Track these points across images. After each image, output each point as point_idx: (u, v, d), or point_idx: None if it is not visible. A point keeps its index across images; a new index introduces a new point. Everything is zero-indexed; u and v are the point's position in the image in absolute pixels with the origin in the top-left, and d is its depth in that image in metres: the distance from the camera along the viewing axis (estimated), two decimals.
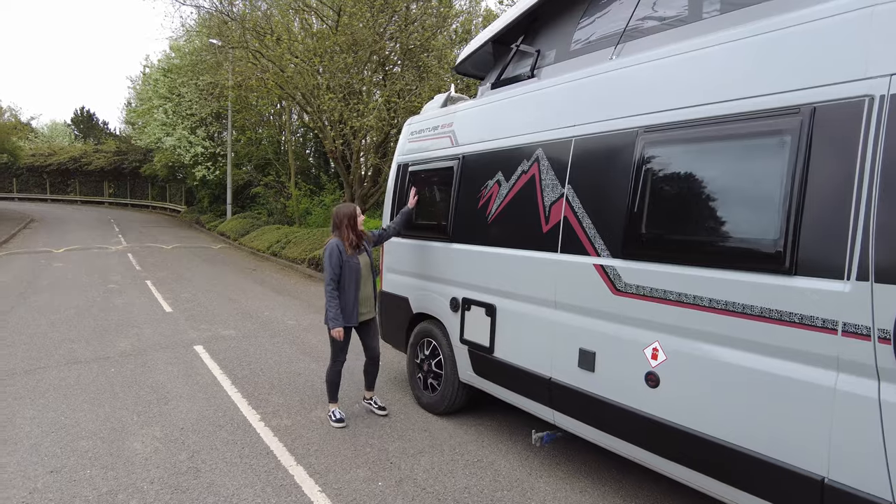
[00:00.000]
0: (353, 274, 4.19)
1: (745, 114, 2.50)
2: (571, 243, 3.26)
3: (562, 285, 3.31)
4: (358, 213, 4.30)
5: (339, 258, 4.13)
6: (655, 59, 2.97)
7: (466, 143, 4.26)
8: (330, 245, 4.18)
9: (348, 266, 4.15)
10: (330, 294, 4.12)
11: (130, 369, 5.58)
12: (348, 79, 14.58)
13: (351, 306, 4.20)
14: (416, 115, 5.26)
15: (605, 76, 3.25)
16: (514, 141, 3.79)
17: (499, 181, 3.86)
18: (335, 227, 4.25)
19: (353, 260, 4.18)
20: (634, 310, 2.91)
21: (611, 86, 3.19)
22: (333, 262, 4.11)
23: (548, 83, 3.66)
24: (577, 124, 3.33)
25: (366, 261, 4.34)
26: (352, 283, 4.18)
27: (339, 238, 4.22)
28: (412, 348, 4.83)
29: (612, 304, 3.02)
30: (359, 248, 4.28)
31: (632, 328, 2.94)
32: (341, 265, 4.13)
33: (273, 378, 5.41)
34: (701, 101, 2.71)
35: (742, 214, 2.49)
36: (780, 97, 2.40)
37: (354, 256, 4.21)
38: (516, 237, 3.67)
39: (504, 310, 3.76)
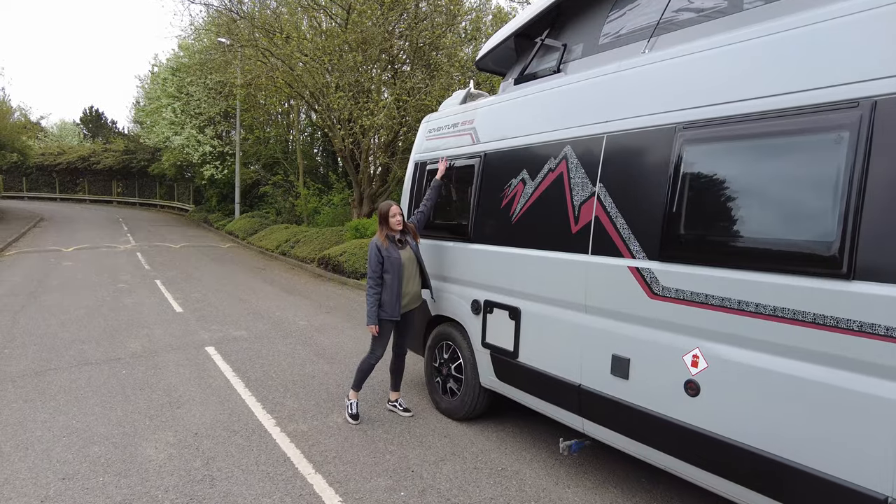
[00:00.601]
0: (394, 268, 4.16)
1: (796, 108, 2.36)
2: (603, 244, 3.12)
3: (593, 288, 3.17)
4: (392, 212, 4.25)
5: (377, 255, 4.17)
6: (694, 52, 2.82)
7: (488, 141, 4.12)
8: (370, 243, 4.25)
9: (389, 261, 4.16)
10: (368, 291, 4.19)
11: (142, 371, 5.49)
12: (357, 77, 14.47)
13: (393, 300, 4.17)
14: (432, 112, 5.13)
15: (639, 70, 3.10)
16: (540, 138, 3.65)
17: (523, 180, 3.72)
18: (379, 222, 4.30)
19: (393, 254, 4.17)
20: (673, 315, 2.77)
21: (646, 80, 3.05)
22: (372, 260, 4.18)
23: (576, 78, 3.52)
24: (610, 120, 3.19)
25: (409, 255, 4.27)
26: (394, 277, 4.16)
27: (379, 235, 4.24)
28: (430, 351, 4.70)
29: (649, 308, 2.88)
30: (400, 243, 4.25)
31: (670, 334, 2.80)
32: (381, 261, 4.16)
33: (287, 381, 5.30)
34: (745, 97, 2.56)
35: (794, 215, 2.35)
36: (835, 90, 2.25)
37: (395, 251, 4.18)
38: (543, 238, 3.53)
39: (529, 313, 3.63)
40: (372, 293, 4.17)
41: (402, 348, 4.53)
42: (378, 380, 5.25)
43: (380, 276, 4.18)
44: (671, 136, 2.84)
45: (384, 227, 4.26)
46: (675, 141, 2.82)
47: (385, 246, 4.20)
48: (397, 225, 4.26)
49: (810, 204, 2.30)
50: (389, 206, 4.27)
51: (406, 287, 4.26)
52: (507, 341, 3.78)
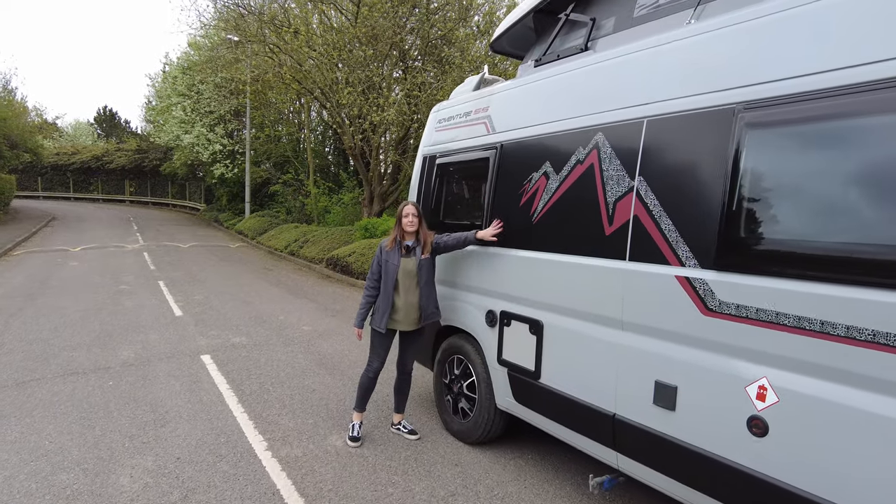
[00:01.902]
0: (388, 276, 3.80)
1: None
2: (645, 249, 2.63)
3: (632, 301, 2.68)
4: (405, 212, 3.83)
5: (378, 255, 3.88)
6: (760, 17, 2.32)
7: (505, 130, 3.64)
8: (381, 242, 3.94)
9: (386, 266, 3.82)
10: (364, 290, 3.92)
11: (130, 383, 5.09)
12: (368, 73, 14.05)
13: (382, 309, 3.80)
14: (444, 101, 4.66)
15: (686, 43, 2.61)
16: (565, 125, 3.16)
17: (546, 173, 3.24)
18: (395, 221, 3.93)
19: (393, 260, 3.81)
20: (733, 335, 2.27)
21: (695, 55, 2.55)
22: (374, 260, 3.91)
23: (609, 55, 3.03)
24: (651, 102, 2.69)
25: (409, 266, 3.81)
26: (387, 284, 3.80)
27: (390, 234, 3.91)
28: (439, 365, 4.23)
29: (702, 326, 2.38)
30: (406, 251, 3.82)
31: (729, 359, 2.30)
32: (380, 263, 3.86)
33: (284, 395, 4.87)
34: (825, 67, 2.06)
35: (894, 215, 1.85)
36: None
37: (396, 257, 3.80)
38: (570, 241, 3.05)
39: (553, 327, 3.15)
40: (365, 294, 3.91)
41: (404, 366, 4.06)
42: (383, 394, 4.80)
43: (377, 278, 3.86)
44: (729, 118, 2.34)
45: (396, 228, 3.86)
46: (734, 124, 2.32)
47: (389, 248, 3.80)
48: (409, 226, 3.80)
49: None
50: (404, 206, 3.85)
51: (399, 301, 3.80)
52: (528, 359, 3.30)
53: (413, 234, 3.84)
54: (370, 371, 3.95)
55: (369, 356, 3.96)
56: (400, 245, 3.82)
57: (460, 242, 3.77)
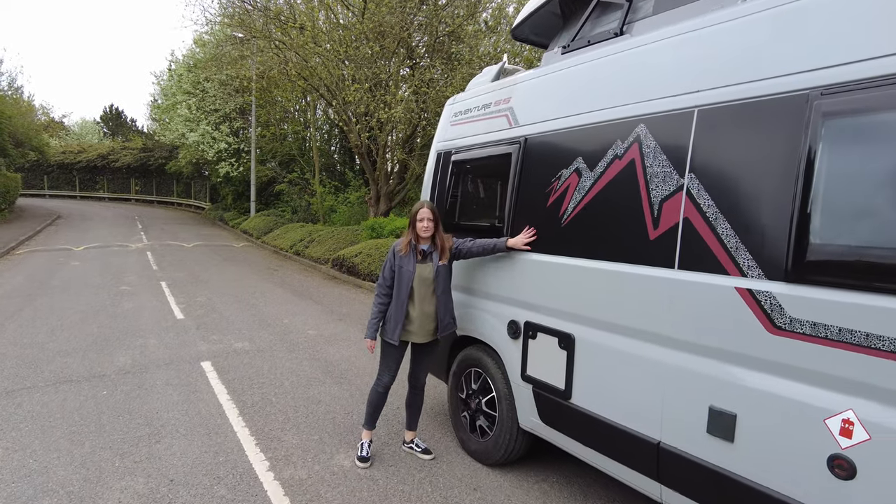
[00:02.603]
0: (402, 283, 3.47)
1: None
2: (697, 256, 2.30)
3: (681, 315, 2.36)
4: (420, 215, 3.46)
5: (390, 259, 3.55)
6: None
7: (530, 123, 3.32)
8: (393, 244, 3.62)
9: (400, 272, 3.49)
10: (375, 298, 3.58)
11: (125, 392, 4.80)
12: (375, 70, 13.75)
13: (395, 319, 3.48)
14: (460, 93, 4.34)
15: (745, 22, 2.28)
16: (600, 116, 2.84)
17: (578, 170, 2.92)
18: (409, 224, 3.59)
19: (407, 266, 3.47)
20: (807, 358, 1.95)
21: (756, 34, 2.22)
22: (385, 263, 3.57)
23: (650, 39, 2.70)
24: (704, 90, 2.37)
25: (425, 273, 3.48)
26: (401, 291, 3.47)
27: (404, 238, 3.57)
28: (455, 378, 3.92)
29: (769, 346, 2.06)
30: (422, 256, 3.50)
31: (802, 385, 1.97)
32: (392, 268, 3.53)
33: (288, 407, 4.57)
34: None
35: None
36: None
37: (411, 262, 3.47)
38: (606, 245, 2.72)
39: (587, 342, 2.82)
40: (377, 302, 3.56)
41: (417, 380, 3.74)
42: (394, 407, 4.49)
43: (390, 284, 3.53)
44: (802, 106, 2.01)
45: (410, 231, 3.53)
46: (808, 113, 1.99)
47: (404, 253, 3.47)
48: (424, 231, 3.45)
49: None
50: (420, 208, 3.49)
51: (414, 311, 3.49)
52: (557, 376, 2.98)
53: (429, 239, 3.51)
54: (380, 386, 3.64)
55: (379, 369, 3.65)
56: (415, 250, 3.49)
57: (487, 249, 3.42)
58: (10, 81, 27.56)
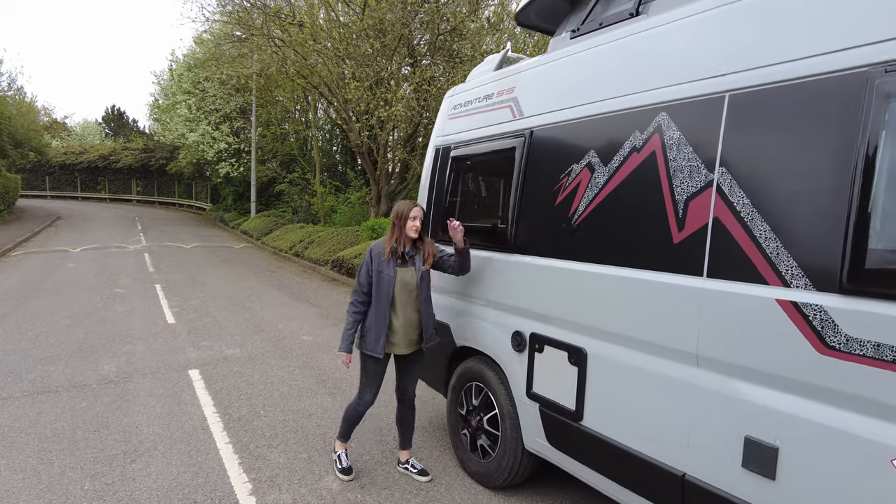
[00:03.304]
0: (382, 290, 3.17)
1: None
2: (730, 263, 2.00)
3: (712, 330, 2.05)
4: (413, 213, 3.22)
5: (367, 263, 3.22)
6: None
7: (536, 114, 3.02)
8: (371, 246, 3.29)
9: (379, 277, 3.18)
10: (349, 306, 3.25)
11: (105, 404, 4.52)
12: (376, 67, 13.47)
13: (376, 330, 3.18)
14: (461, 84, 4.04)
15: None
16: (614, 105, 2.54)
17: (590, 164, 2.62)
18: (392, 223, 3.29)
19: (388, 271, 3.18)
20: (871, 386, 1.64)
21: (802, 4, 1.92)
22: (362, 267, 3.24)
23: (672, 17, 2.40)
24: (735, 72, 2.06)
25: (407, 278, 3.22)
26: (381, 299, 3.17)
27: (387, 239, 3.27)
28: (454, 393, 3.62)
29: (819, 369, 1.75)
30: (403, 259, 3.23)
31: (864, 418, 1.67)
32: (370, 273, 3.20)
33: (277, 421, 4.28)
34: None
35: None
36: None
37: (392, 267, 3.19)
38: (623, 249, 2.42)
39: (600, 358, 2.52)
40: (352, 311, 3.23)
41: (406, 393, 3.45)
42: (388, 421, 4.20)
43: (367, 291, 3.22)
44: (859, 85, 1.71)
45: (396, 232, 3.23)
46: (866, 94, 1.69)
47: (385, 257, 3.19)
48: (415, 232, 3.22)
49: None
50: (411, 207, 3.24)
51: (397, 320, 3.22)
52: (566, 395, 2.68)
53: (412, 242, 3.27)
54: (361, 405, 3.35)
55: (360, 386, 3.34)
56: (395, 253, 3.21)
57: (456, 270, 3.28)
58: (10, 82, 27.36)
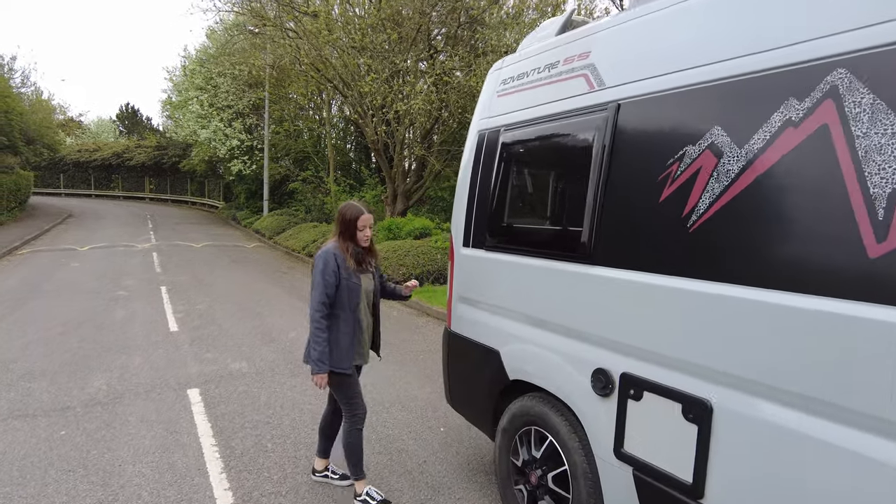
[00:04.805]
0: (353, 296, 2.95)
1: None
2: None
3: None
4: (362, 221, 2.99)
5: (335, 269, 2.90)
6: None
7: (626, 82, 2.30)
8: (325, 251, 2.94)
9: (347, 286, 2.93)
10: (318, 323, 2.85)
11: (87, 434, 3.89)
12: (392, 57, 12.80)
13: (347, 343, 2.93)
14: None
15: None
16: (757, 62, 1.81)
17: (715, 146, 1.89)
18: (336, 231, 3.02)
19: (354, 279, 2.96)
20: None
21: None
22: (328, 275, 2.88)
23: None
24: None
25: (368, 286, 3.09)
26: (350, 308, 2.95)
27: (339, 248, 2.97)
28: (506, 436, 2.90)
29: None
30: (362, 266, 3.04)
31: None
32: (338, 280, 2.91)
33: (286, 459, 3.61)
34: None
35: None
36: None
37: (355, 274, 2.97)
38: (778, 266, 1.70)
39: (735, 416, 1.80)
40: (322, 326, 2.86)
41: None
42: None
43: (332, 303, 2.90)
44: None
45: (346, 240, 2.98)
46: None
47: (350, 264, 2.93)
48: (365, 242, 3.04)
49: None
50: (360, 213, 2.98)
51: (360, 331, 3.05)
52: (678, 461, 1.96)
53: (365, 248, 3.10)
54: (356, 422, 3.03)
55: (347, 406, 3.05)
56: (360, 260, 3.02)
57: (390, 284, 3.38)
58: (23, 78, 27.16)
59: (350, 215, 2.95)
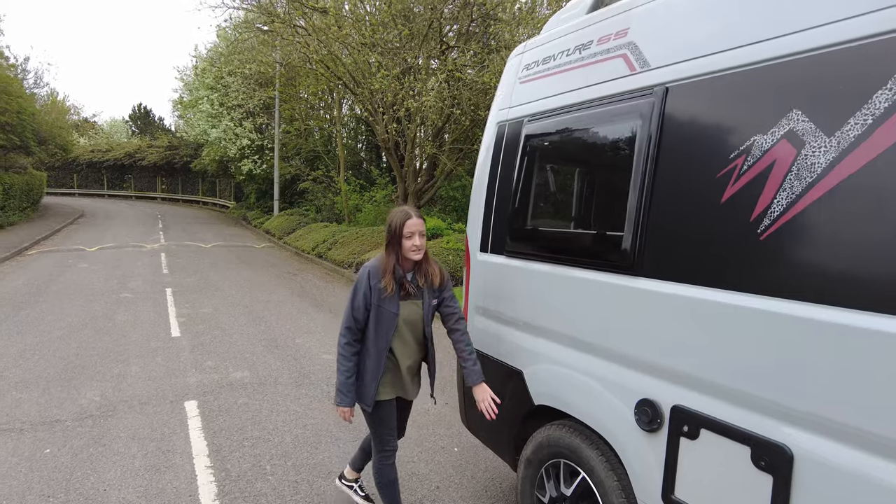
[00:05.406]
0: (383, 327, 2.43)
1: None
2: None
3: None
4: (408, 227, 2.41)
5: (366, 293, 2.42)
6: None
7: (675, 61, 1.95)
8: (364, 267, 2.48)
9: (377, 312, 2.43)
10: (341, 349, 2.47)
11: (74, 452, 3.62)
12: (404, 54, 12.50)
13: (371, 378, 2.46)
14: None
15: None
16: (854, 28, 1.46)
17: (795, 134, 1.55)
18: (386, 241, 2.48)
19: (390, 306, 2.43)
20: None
21: None
22: (357, 298, 2.44)
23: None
24: None
25: (415, 314, 2.51)
26: (380, 339, 2.44)
27: (383, 261, 2.46)
28: (530, 468, 2.57)
29: None
30: (407, 291, 2.47)
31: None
32: (368, 305, 2.43)
33: (286, 483, 3.30)
34: None
35: None
36: None
37: (394, 300, 2.44)
38: (888, 285, 1.35)
39: (831, 470, 1.44)
40: (348, 352, 2.46)
41: (399, 430, 2.80)
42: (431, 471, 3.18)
43: (362, 326, 2.46)
44: None
45: (392, 251, 2.45)
46: None
47: (385, 285, 2.40)
48: (415, 253, 2.42)
49: None
50: (406, 217, 2.43)
51: (404, 360, 2.54)
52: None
53: (414, 265, 2.51)
54: (387, 457, 2.59)
55: (377, 437, 2.60)
56: (402, 281, 2.46)
57: (457, 349, 2.58)
58: (36, 79, 27.25)
59: (396, 221, 2.41)
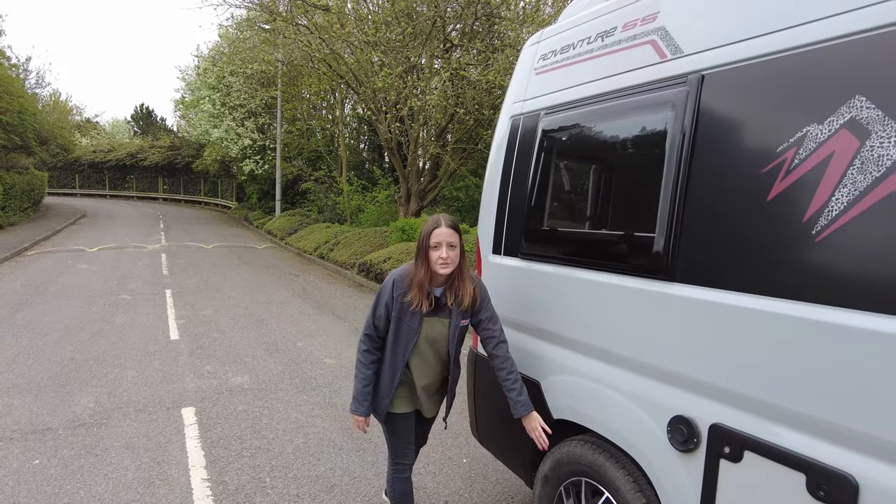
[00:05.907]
0: (401, 342, 2.28)
1: None
2: None
3: None
4: (435, 237, 2.19)
5: (388, 301, 2.26)
6: None
7: (712, 47, 1.78)
8: (392, 274, 2.31)
9: (398, 326, 2.27)
10: (360, 356, 2.34)
11: (64, 462, 3.46)
12: (407, 52, 12.34)
13: (386, 390, 2.34)
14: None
15: None
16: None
17: (854, 125, 1.37)
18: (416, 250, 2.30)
19: (411, 322, 2.25)
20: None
21: None
22: (378, 306, 2.28)
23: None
24: None
25: (435, 332, 2.31)
26: (397, 355, 2.29)
27: (413, 271, 2.26)
28: (547, 486, 2.39)
29: None
30: (434, 306, 2.27)
31: None
32: (388, 316, 2.27)
33: (287, 497, 3.13)
34: None
35: None
36: None
37: (417, 315, 2.25)
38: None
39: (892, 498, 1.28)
40: (366, 360, 2.33)
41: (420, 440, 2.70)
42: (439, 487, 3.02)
43: (383, 335, 2.32)
44: None
45: (420, 265, 2.23)
46: None
47: (412, 297, 2.21)
48: (443, 265, 2.19)
49: None
50: (434, 226, 2.22)
51: (421, 379, 2.38)
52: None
53: (444, 279, 2.26)
54: (402, 470, 2.48)
55: (392, 450, 2.49)
56: (429, 295, 2.24)
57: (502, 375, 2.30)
58: (38, 79, 27.19)
59: (424, 229, 2.22)
